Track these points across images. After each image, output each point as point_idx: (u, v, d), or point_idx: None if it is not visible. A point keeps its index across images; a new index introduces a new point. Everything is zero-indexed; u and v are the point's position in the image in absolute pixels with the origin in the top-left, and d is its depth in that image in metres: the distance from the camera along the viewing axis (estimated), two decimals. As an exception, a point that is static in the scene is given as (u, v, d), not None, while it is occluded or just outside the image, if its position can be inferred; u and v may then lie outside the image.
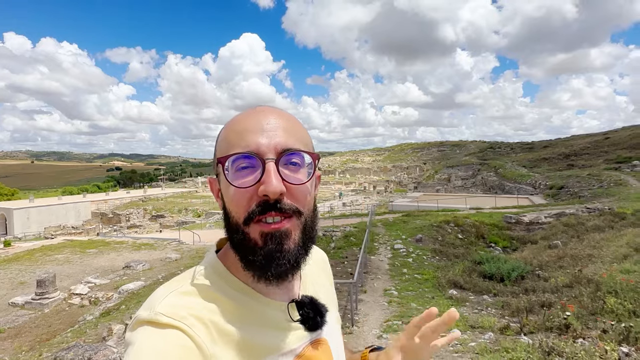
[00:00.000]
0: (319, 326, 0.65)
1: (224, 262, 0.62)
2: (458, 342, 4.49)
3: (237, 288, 0.59)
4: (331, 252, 12.54)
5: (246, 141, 0.55)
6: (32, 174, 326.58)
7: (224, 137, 0.60)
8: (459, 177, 45.78)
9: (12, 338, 9.00)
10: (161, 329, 0.50)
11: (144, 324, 0.51)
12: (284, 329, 0.61)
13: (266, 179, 0.53)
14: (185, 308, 0.53)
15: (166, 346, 0.48)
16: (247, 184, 0.54)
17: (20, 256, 19.79)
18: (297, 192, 0.56)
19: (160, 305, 0.53)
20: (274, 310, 0.61)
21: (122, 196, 49.54)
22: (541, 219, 15.82)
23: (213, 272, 0.60)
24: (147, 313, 0.52)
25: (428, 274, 9.59)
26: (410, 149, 78.49)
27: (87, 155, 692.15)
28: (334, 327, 0.72)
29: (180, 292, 0.56)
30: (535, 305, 6.30)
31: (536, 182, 31.26)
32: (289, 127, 0.59)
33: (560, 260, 9.51)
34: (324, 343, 0.66)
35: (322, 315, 0.65)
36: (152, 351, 0.48)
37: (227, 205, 0.58)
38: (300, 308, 0.63)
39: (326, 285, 0.77)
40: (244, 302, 0.59)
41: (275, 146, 0.55)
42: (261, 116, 0.58)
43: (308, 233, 0.59)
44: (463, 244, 13.52)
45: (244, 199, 0.55)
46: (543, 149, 51.54)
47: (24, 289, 13.45)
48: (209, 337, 0.52)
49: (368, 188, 52.76)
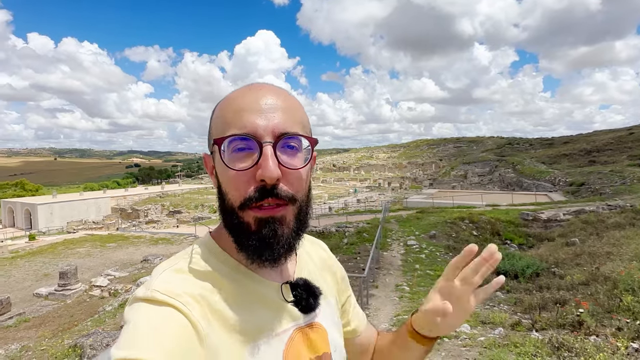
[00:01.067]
0: (312, 308, 0.63)
1: (217, 242, 0.62)
2: (467, 336, 4.49)
3: (231, 267, 0.59)
4: (344, 247, 12.60)
5: (243, 122, 0.54)
6: (55, 171, 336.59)
7: (220, 115, 0.58)
8: (475, 173, 45.10)
9: (36, 327, 9.39)
10: (157, 306, 0.50)
11: (141, 301, 0.51)
12: (277, 309, 0.60)
13: (263, 163, 0.52)
14: (180, 286, 0.53)
15: (162, 323, 0.48)
16: (244, 167, 0.53)
17: (44, 249, 20.52)
18: (293, 178, 0.55)
19: (156, 282, 0.53)
20: (267, 290, 0.60)
21: (140, 192, 50.66)
22: (559, 216, 15.49)
23: (207, 251, 0.60)
24: (143, 291, 0.52)
25: (441, 270, 9.51)
26: (426, 145, 77.68)
27: (107, 152, 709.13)
28: (332, 315, 0.71)
29: (174, 269, 0.56)
30: (549, 302, 6.21)
31: (555, 178, 30.54)
32: (288, 107, 0.57)
33: (577, 257, 9.32)
34: (318, 327, 0.65)
35: (316, 297, 0.64)
36: (148, 328, 0.48)
37: (223, 187, 0.57)
38: (294, 289, 0.63)
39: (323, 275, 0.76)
40: (238, 280, 0.58)
41: (273, 129, 0.54)
42: (259, 94, 0.56)
43: (302, 218, 0.59)
44: (477, 241, 13.35)
45: (241, 182, 0.54)
46: (563, 144, 50.26)
47: (48, 281, 13.97)
48: (203, 316, 0.52)
49: (383, 185, 52.50)
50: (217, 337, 0.52)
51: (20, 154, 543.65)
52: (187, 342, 0.49)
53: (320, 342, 0.64)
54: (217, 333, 0.52)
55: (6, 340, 8.40)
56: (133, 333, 0.47)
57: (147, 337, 0.47)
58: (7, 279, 14.81)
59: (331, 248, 3.69)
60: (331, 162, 76.18)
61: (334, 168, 71.81)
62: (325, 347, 0.65)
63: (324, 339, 0.65)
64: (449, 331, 0.67)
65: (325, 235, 14.66)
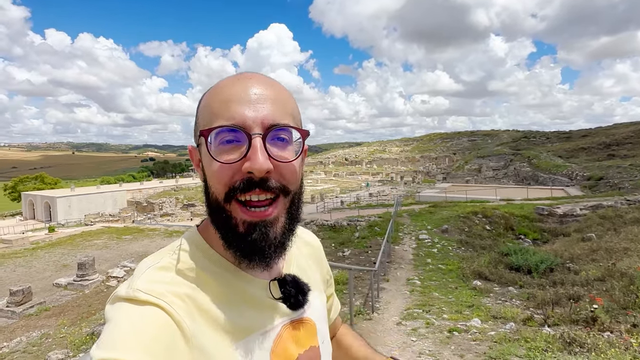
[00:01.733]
0: (301, 305, 0.62)
1: (204, 236, 0.59)
2: (477, 330, 4.48)
3: (218, 264, 0.57)
4: (355, 241, 12.61)
5: (231, 112, 0.51)
6: (73, 165, 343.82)
7: (206, 105, 0.55)
8: (490, 167, 44.42)
9: (56, 315, 9.70)
10: (139, 305, 0.48)
11: (123, 301, 0.49)
12: (265, 307, 0.59)
13: (252, 155, 0.49)
14: (164, 284, 0.51)
15: (144, 323, 0.46)
16: (231, 161, 0.51)
17: (63, 241, 21.11)
18: (284, 170, 0.53)
19: (139, 281, 0.51)
20: (255, 288, 0.59)
21: (155, 186, 51.47)
22: (576, 211, 15.17)
23: (194, 246, 0.58)
24: (125, 290, 0.50)
25: (452, 264, 9.48)
26: (439, 138, 76.73)
27: (123, 146, 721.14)
28: (320, 309, 0.70)
29: (158, 267, 0.54)
30: (563, 298, 6.12)
31: (573, 173, 29.89)
32: (278, 98, 0.54)
33: (593, 253, 9.14)
34: (307, 322, 0.65)
35: (305, 293, 0.63)
36: (129, 328, 0.46)
37: (209, 180, 0.54)
38: (282, 286, 0.61)
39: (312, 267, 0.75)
40: (225, 278, 0.56)
41: (262, 120, 0.51)
42: (248, 84, 0.54)
43: (294, 213, 0.57)
44: (490, 236, 13.22)
45: (226, 175, 0.51)
46: (582, 138, 49.04)
47: (67, 271, 14.39)
48: (189, 315, 0.50)
49: (395, 179, 52.19)
50: (204, 336, 0.50)
51: (40, 148, 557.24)
52: (171, 341, 0.47)
53: (309, 336, 0.64)
54: (204, 332, 0.51)
55: (28, 327, 8.71)
56: (114, 333, 0.45)
57: (128, 337, 0.45)
58: (28, 269, 15.31)
59: (342, 242, 3.78)
60: (343, 156, 75.97)
61: (346, 162, 71.64)
62: (313, 340, 0.65)
63: (312, 333, 0.65)
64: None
65: (336, 228, 14.69)
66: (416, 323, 5.11)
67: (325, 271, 0.79)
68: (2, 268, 15.66)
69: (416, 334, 4.64)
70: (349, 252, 11.44)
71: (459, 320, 5.20)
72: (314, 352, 0.64)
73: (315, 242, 0.79)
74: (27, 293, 10.76)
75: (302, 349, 0.62)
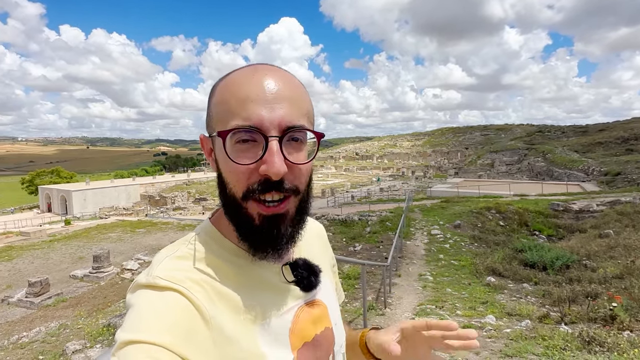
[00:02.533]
0: (313, 286, 0.65)
1: (217, 227, 0.62)
2: (492, 327, 4.42)
3: (232, 252, 0.59)
4: (366, 236, 12.57)
5: (248, 112, 0.52)
6: (88, 159, 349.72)
7: (222, 100, 0.55)
8: (503, 162, 43.79)
9: (73, 306, 9.92)
10: (159, 291, 0.50)
11: (143, 288, 0.51)
12: (279, 290, 0.61)
13: (269, 158, 0.51)
14: (182, 271, 0.54)
15: (165, 307, 0.49)
16: (247, 162, 0.52)
17: (78, 234, 21.53)
18: (297, 172, 0.55)
19: (157, 269, 0.53)
20: (268, 273, 0.61)
21: (167, 180, 52.11)
22: (592, 207, 14.87)
23: (208, 236, 0.61)
24: (145, 277, 0.53)
25: (465, 260, 9.38)
26: (451, 133, 75.87)
27: (136, 140, 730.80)
28: (330, 290, 0.73)
29: (175, 256, 0.56)
30: (580, 296, 6.02)
31: (589, 168, 29.27)
32: (294, 97, 0.55)
33: (611, 250, 8.95)
34: (320, 304, 0.67)
35: (316, 274, 0.66)
36: (151, 312, 0.48)
37: (225, 176, 0.56)
38: (294, 270, 0.64)
39: (320, 252, 0.77)
40: (240, 264, 0.59)
41: (279, 122, 0.52)
42: (265, 81, 0.54)
43: (303, 208, 0.59)
44: (504, 231, 13.04)
45: (244, 176, 0.53)
46: (599, 132, 47.93)
47: (83, 264, 14.68)
48: (207, 299, 0.52)
49: (406, 173, 51.83)
50: (224, 319, 0.53)
51: (56, 143, 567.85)
52: (191, 323, 0.49)
53: (323, 317, 0.66)
54: (223, 315, 0.53)
55: (46, 318, 8.92)
56: (137, 317, 0.48)
57: (151, 320, 0.47)
58: (46, 261, 15.67)
59: (354, 236, 3.75)
60: (354, 151, 75.72)
61: (356, 156, 71.41)
62: (327, 322, 0.67)
63: (325, 314, 0.67)
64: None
65: (347, 223, 14.67)
66: (429, 319, 5.07)
67: (330, 257, 0.82)
68: (21, 260, 16.05)
69: (430, 330, 4.60)
70: (360, 247, 11.42)
71: (473, 316, 5.14)
72: (328, 332, 0.67)
73: (320, 228, 0.82)
74: (45, 284, 11.01)
75: (318, 329, 0.64)
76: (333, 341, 0.68)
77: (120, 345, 0.45)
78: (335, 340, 0.68)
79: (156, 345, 0.45)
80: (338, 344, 0.69)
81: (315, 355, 0.62)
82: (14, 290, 11.94)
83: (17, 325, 8.79)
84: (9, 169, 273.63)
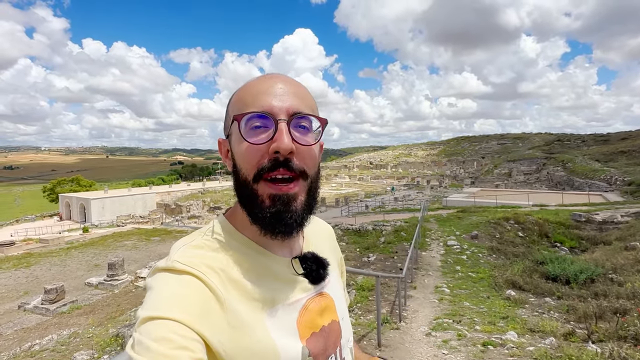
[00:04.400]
0: (322, 278, 0.69)
1: (231, 222, 0.67)
2: (513, 345, 4.18)
3: (245, 244, 0.64)
4: (381, 246, 12.33)
5: (260, 102, 0.59)
6: (107, 168, 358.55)
7: (239, 98, 0.63)
8: (521, 171, 42.88)
9: (87, 314, 9.97)
10: (177, 274, 0.55)
11: (162, 271, 0.56)
12: (289, 281, 0.65)
13: (278, 136, 0.57)
14: (198, 257, 0.58)
15: (183, 288, 0.53)
16: (260, 141, 0.58)
17: (95, 241, 21.87)
18: (305, 153, 0.60)
19: (175, 255, 0.59)
20: (279, 265, 0.65)
21: (183, 188, 52.75)
22: (617, 217, 14.30)
23: (222, 229, 0.65)
24: (164, 262, 0.58)
25: (483, 272, 9.06)
26: (467, 142, 74.90)
27: (153, 150, 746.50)
28: (337, 286, 0.77)
29: (192, 245, 0.62)
30: (607, 312, 5.68)
31: (611, 177, 28.36)
32: (299, 93, 0.63)
33: (638, 263, 8.52)
34: (327, 296, 0.70)
35: (325, 267, 0.70)
36: (170, 293, 0.53)
37: (238, 162, 0.61)
38: (304, 262, 0.68)
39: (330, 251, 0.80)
40: (252, 256, 0.63)
41: (287, 109, 0.59)
42: (274, 81, 0.63)
43: (312, 194, 0.64)
44: (524, 243, 12.61)
45: (255, 155, 0.59)
46: (621, 141, 46.57)
47: (98, 271, 14.84)
48: (222, 284, 0.57)
49: (421, 183, 51.20)
50: (236, 303, 0.56)
51: (77, 152, 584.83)
52: (207, 304, 0.53)
53: (330, 310, 0.70)
54: (235, 299, 0.57)
55: (59, 325, 8.97)
56: (156, 297, 0.52)
57: (170, 299, 0.51)
58: (62, 268, 15.92)
59: (368, 246, 3.54)
60: (368, 160, 75.37)
61: (370, 166, 71.01)
62: (334, 315, 0.70)
63: (332, 307, 0.71)
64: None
65: (361, 233, 14.44)
66: (447, 334, 4.84)
67: (339, 257, 0.85)
68: (39, 267, 16.35)
69: (447, 346, 4.38)
70: (374, 258, 11.19)
71: (493, 332, 4.89)
72: (335, 325, 0.70)
73: (330, 229, 0.87)
74: (61, 291, 11.13)
75: (325, 321, 0.67)
76: (340, 334, 0.71)
77: (142, 322, 0.49)
78: (343, 333, 0.72)
79: (175, 321, 0.49)
80: (345, 338, 0.72)
81: (323, 345, 0.65)
82: (30, 296, 12.12)
83: (31, 332, 8.86)
84: (32, 178, 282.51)
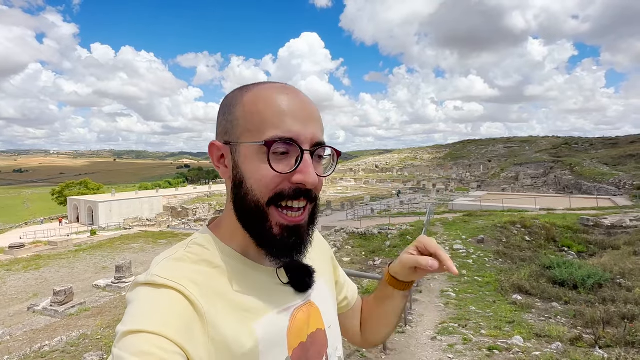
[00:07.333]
0: (308, 286, 0.68)
1: (215, 233, 0.65)
2: (520, 349, 4.18)
3: (229, 255, 0.62)
4: (386, 250, 12.33)
5: (287, 126, 0.57)
6: (114, 171, 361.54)
7: (255, 111, 0.59)
8: (528, 175, 42.57)
9: (95, 316, 10.06)
10: (157, 288, 0.53)
11: (141, 285, 0.54)
12: (275, 291, 0.64)
13: (304, 169, 0.57)
14: (179, 270, 0.56)
15: (163, 302, 0.52)
16: (285, 171, 0.57)
17: (103, 244, 22.08)
18: (321, 183, 0.62)
19: (155, 269, 0.56)
20: (264, 275, 0.64)
21: (190, 192, 53.07)
22: (626, 222, 14.14)
23: (205, 241, 0.64)
24: (143, 277, 0.56)
25: (490, 276, 9.02)
26: (473, 145, 74.51)
27: (160, 153, 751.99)
28: (325, 293, 0.75)
29: (173, 258, 0.60)
30: (615, 317, 5.64)
31: (620, 181, 28.05)
32: (317, 117, 0.62)
33: (647, 268, 8.43)
34: (312, 305, 0.69)
35: (310, 275, 0.68)
36: (150, 307, 0.51)
37: (249, 182, 0.59)
38: (289, 272, 0.66)
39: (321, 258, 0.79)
40: (235, 267, 0.61)
41: (312, 137, 0.59)
42: (293, 99, 0.60)
43: (314, 215, 0.65)
44: (530, 247, 12.52)
45: (275, 182, 0.57)
46: (630, 144, 46.07)
47: (105, 274, 14.98)
48: (203, 297, 0.55)
49: (427, 186, 51.01)
50: (219, 316, 0.55)
51: (85, 156, 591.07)
52: (187, 318, 0.52)
53: (315, 319, 0.69)
54: (218, 312, 0.55)
55: (68, 327, 9.07)
56: (135, 311, 0.51)
57: (150, 313, 0.50)
58: (71, 271, 16.09)
59: (373, 250, 3.61)
60: (374, 163, 75.28)
61: (376, 169, 70.92)
62: (319, 323, 0.69)
63: (317, 315, 0.69)
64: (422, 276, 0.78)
65: (367, 237, 14.44)
66: (452, 338, 4.85)
67: (328, 255, 0.84)
68: (48, 269, 16.54)
69: (453, 350, 4.39)
70: (379, 261, 11.18)
71: (499, 337, 4.88)
72: (320, 334, 0.69)
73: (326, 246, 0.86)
74: (69, 293, 11.25)
75: (310, 330, 0.67)
76: (326, 343, 0.70)
77: (121, 336, 0.47)
78: (329, 342, 0.71)
79: (156, 335, 0.47)
80: (332, 347, 0.71)
81: (307, 355, 0.65)
82: (39, 298, 12.27)
83: (40, 333, 8.97)
84: (41, 181, 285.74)
